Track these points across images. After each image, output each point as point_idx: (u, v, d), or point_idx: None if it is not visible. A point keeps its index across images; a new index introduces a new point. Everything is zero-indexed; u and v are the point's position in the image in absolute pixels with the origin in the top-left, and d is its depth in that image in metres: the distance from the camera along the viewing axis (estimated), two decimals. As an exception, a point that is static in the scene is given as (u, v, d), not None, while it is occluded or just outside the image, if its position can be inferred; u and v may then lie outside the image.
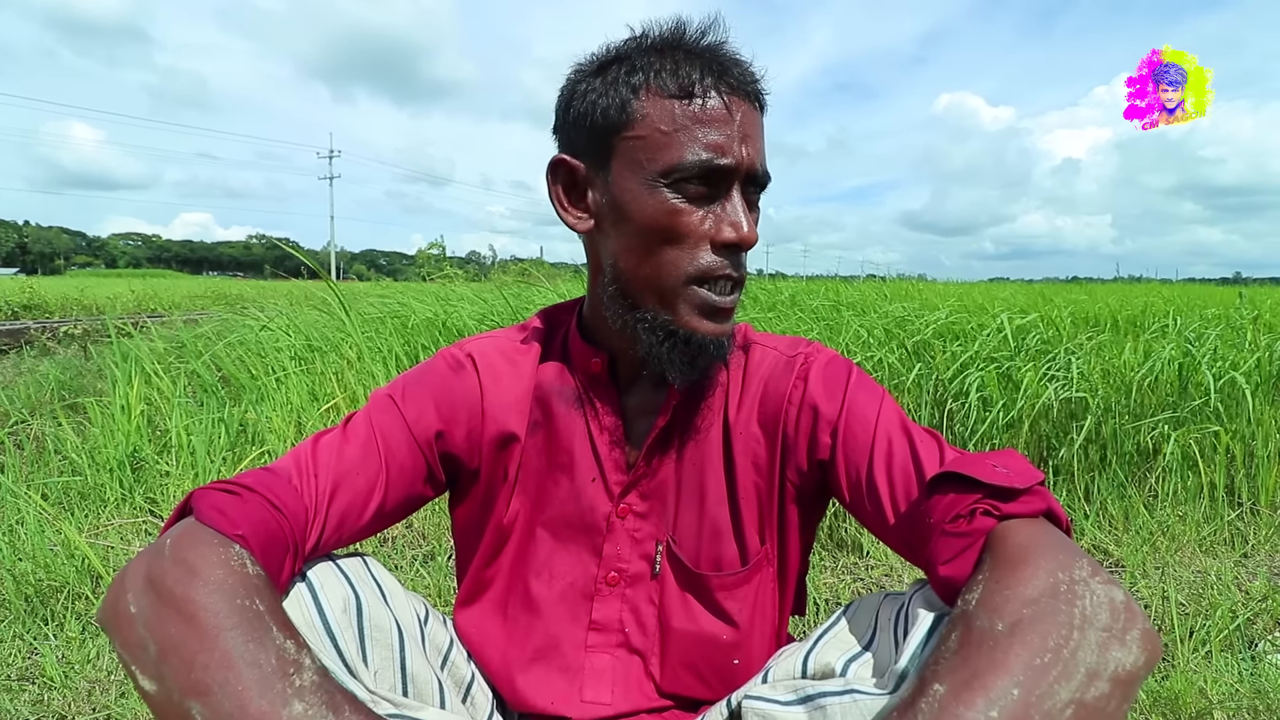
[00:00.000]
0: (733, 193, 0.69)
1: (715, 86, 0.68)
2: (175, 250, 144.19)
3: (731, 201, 0.69)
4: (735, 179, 0.68)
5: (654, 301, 0.71)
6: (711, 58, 0.69)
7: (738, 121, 0.68)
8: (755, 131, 0.70)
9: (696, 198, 0.68)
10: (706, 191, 0.68)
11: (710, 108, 0.67)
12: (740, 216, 0.68)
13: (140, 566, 0.53)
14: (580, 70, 0.73)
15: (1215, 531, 2.30)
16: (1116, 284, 7.45)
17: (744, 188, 0.70)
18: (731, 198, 0.69)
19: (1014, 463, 0.60)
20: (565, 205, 0.75)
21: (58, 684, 1.48)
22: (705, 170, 0.67)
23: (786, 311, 3.96)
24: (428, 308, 4.01)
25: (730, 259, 0.70)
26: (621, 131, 0.69)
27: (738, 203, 0.69)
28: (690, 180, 0.67)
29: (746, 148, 0.68)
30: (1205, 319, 3.87)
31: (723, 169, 0.67)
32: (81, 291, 14.64)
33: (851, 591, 2.00)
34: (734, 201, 0.69)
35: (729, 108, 0.67)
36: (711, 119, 0.67)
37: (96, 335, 5.68)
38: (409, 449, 0.74)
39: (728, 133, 0.67)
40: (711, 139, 0.67)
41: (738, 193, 0.69)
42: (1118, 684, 0.46)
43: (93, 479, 2.41)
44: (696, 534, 0.78)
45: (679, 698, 0.79)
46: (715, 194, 0.69)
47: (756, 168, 0.69)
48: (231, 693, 0.46)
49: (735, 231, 0.68)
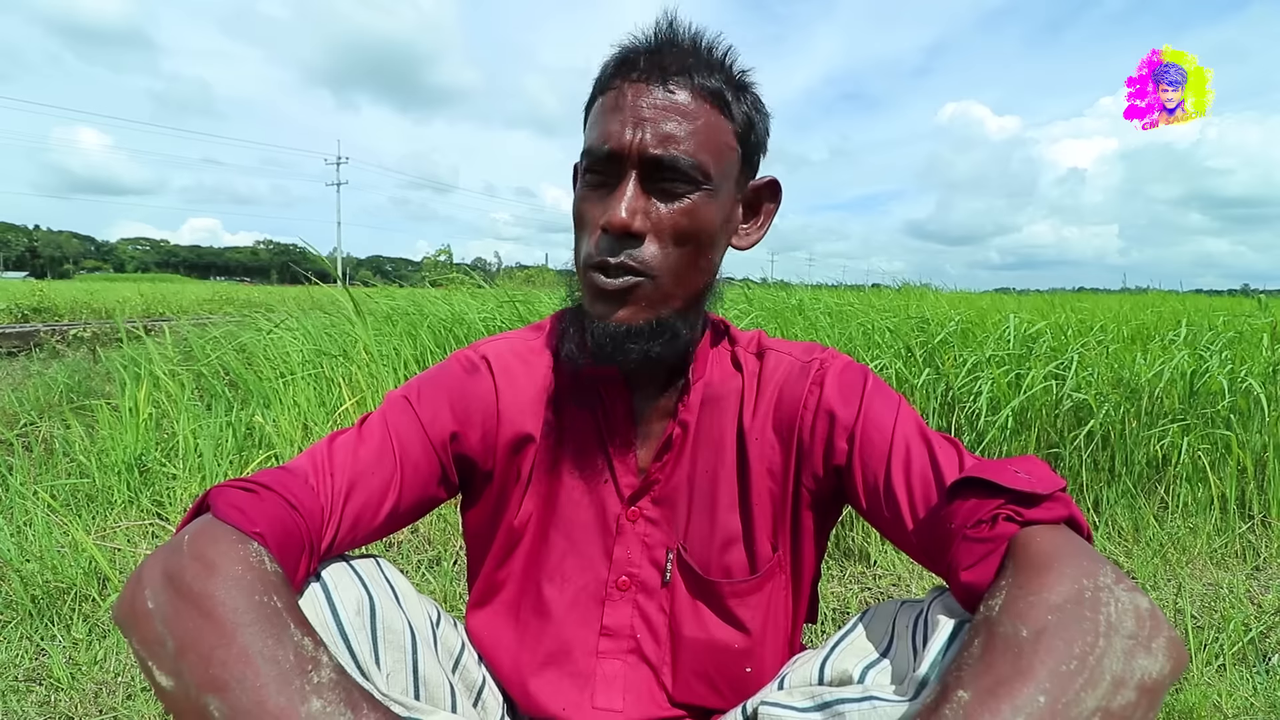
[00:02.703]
0: (624, 181, 0.67)
1: (623, 77, 0.69)
2: (183, 255, 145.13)
3: (621, 186, 0.67)
4: (627, 165, 0.67)
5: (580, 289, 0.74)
6: (638, 52, 0.70)
7: (631, 106, 0.67)
8: (660, 115, 0.67)
9: (598, 186, 0.70)
10: (604, 180, 0.69)
11: (609, 98, 0.69)
12: (617, 200, 0.67)
13: (158, 562, 0.53)
14: None
15: (1226, 544, 2.28)
16: (1123, 294, 7.42)
17: (649, 174, 0.68)
18: (624, 184, 0.67)
19: (1035, 469, 0.60)
20: None
21: (65, 685, 1.47)
22: (597, 158, 0.68)
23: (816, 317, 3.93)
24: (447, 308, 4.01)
25: (605, 243, 0.68)
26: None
27: (625, 189, 0.67)
28: (590, 169, 0.70)
29: (640, 131, 0.66)
30: (1217, 327, 3.85)
31: (612, 156, 0.67)
32: (91, 295, 14.73)
33: (860, 600, 1.99)
34: (622, 188, 0.67)
35: (626, 95, 0.68)
36: (609, 108, 0.68)
37: (105, 338, 5.71)
38: (424, 450, 0.74)
39: (619, 119, 0.67)
40: (602, 127, 0.68)
41: (631, 181, 0.67)
42: (1144, 692, 0.45)
43: (100, 481, 2.42)
44: (708, 541, 0.77)
45: (691, 707, 0.78)
46: (612, 182, 0.69)
47: (648, 150, 0.66)
48: (250, 689, 0.46)
49: (607, 213, 0.67)
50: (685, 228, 0.68)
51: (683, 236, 0.69)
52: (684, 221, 0.68)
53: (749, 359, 0.81)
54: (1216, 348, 3.18)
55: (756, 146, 0.75)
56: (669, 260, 0.69)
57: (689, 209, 0.68)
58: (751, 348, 0.82)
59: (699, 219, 0.69)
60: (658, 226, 0.68)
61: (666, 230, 0.68)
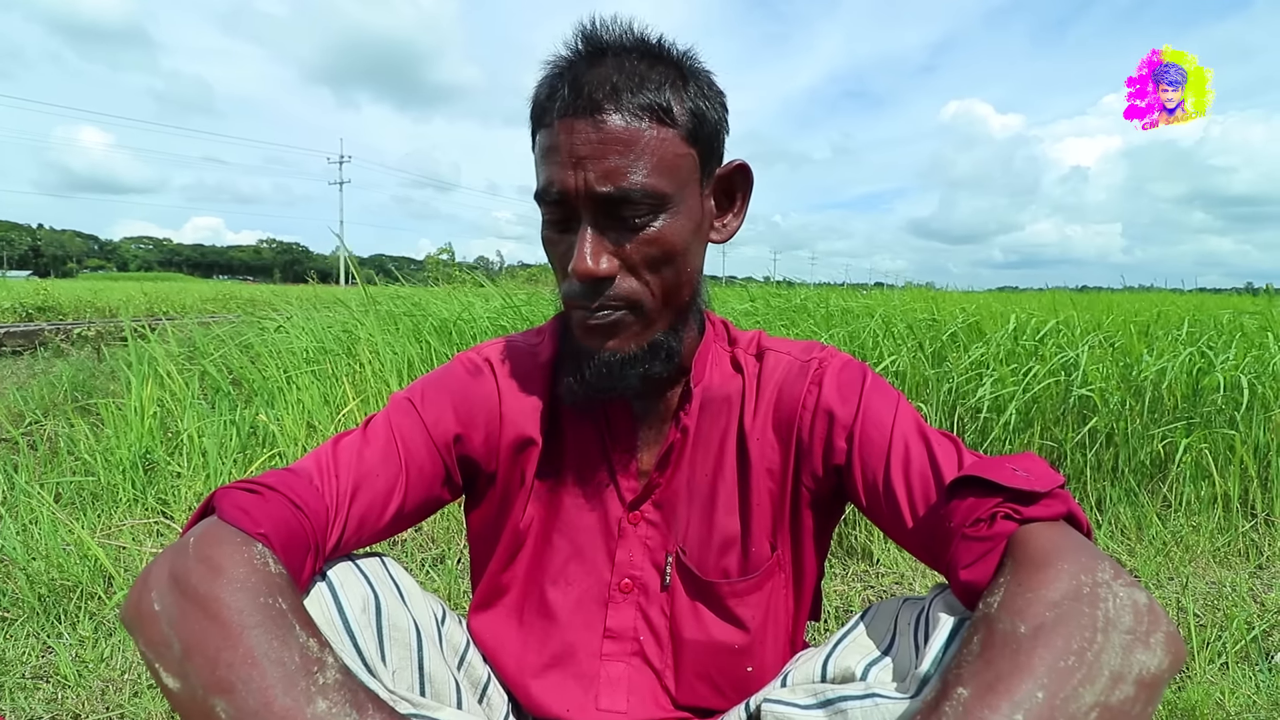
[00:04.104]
0: (582, 223, 0.66)
1: (558, 112, 0.65)
2: (186, 254, 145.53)
3: (580, 231, 0.66)
4: (579, 206, 0.65)
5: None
6: (568, 77, 0.65)
7: (569, 148, 0.64)
8: (598, 151, 0.63)
9: (558, 224, 0.69)
10: (562, 220, 0.68)
11: (549, 137, 0.66)
12: (579, 248, 0.65)
13: (164, 565, 0.54)
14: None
15: (1230, 543, 2.28)
16: (1127, 293, 7.39)
17: (606, 210, 0.65)
18: (581, 228, 0.66)
19: (1034, 466, 0.60)
20: None
21: (72, 683, 1.49)
22: (548, 203, 0.67)
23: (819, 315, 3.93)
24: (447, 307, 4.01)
25: (580, 289, 0.67)
26: None
27: (584, 235, 0.65)
28: (546, 212, 0.69)
29: (582, 173, 0.63)
30: (1220, 324, 3.84)
31: (561, 200, 0.66)
32: (94, 294, 14.77)
33: (862, 599, 1.99)
34: (581, 231, 0.66)
35: (563, 134, 0.64)
36: (550, 147, 0.66)
37: (109, 337, 5.72)
38: (428, 452, 0.74)
39: (558, 160, 0.65)
40: (546, 171, 0.66)
41: (586, 222, 0.65)
42: (1142, 687, 0.46)
43: (105, 479, 2.43)
44: (706, 542, 0.77)
45: (695, 709, 0.79)
46: (570, 223, 0.67)
47: (599, 190, 0.63)
48: (256, 690, 0.46)
49: (574, 263, 0.65)
50: (655, 255, 0.67)
51: (655, 262, 0.67)
52: (652, 250, 0.67)
53: (749, 360, 0.81)
54: (1220, 345, 3.18)
55: (712, 136, 0.70)
56: (648, 288, 0.68)
57: (654, 236, 0.66)
58: (751, 348, 0.82)
59: (667, 241, 0.67)
60: (628, 261, 0.66)
61: (637, 262, 0.67)
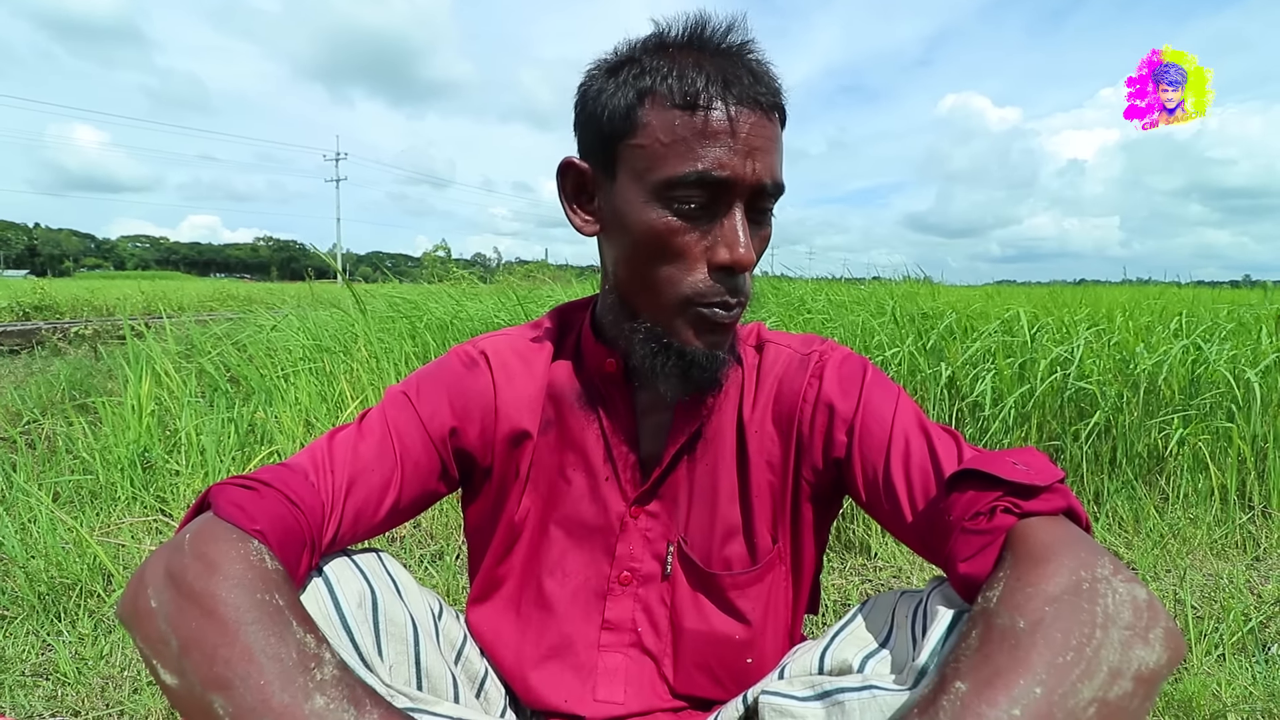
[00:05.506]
0: (733, 210, 0.65)
1: (721, 97, 0.64)
2: (183, 252, 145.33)
3: (731, 219, 0.65)
4: (736, 195, 0.65)
5: (650, 314, 0.70)
6: (723, 64, 0.65)
7: (743, 135, 0.63)
8: (766, 144, 0.65)
9: (695, 215, 0.65)
10: (705, 208, 0.65)
11: (713, 120, 0.63)
12: (738, 235, 0.64)
13: (160, 561, 0.53)
14: (597, 68, 0.71)
15: (1227, 535, 2.28)
16: (1125, 286, 7.39)
17: (750, 203, 0.66)
18: (732, 215, 0.65)
19: (1034, 460, 0.60)
20: (573, 208, 0.73)
21: (71, 680, 1.49)
22: (702, 186, 0.64)
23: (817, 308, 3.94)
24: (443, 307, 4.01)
25: (727, 282, 0.66)
26: (626, 138, 0.66)
27: (738, 221, 0.65)
28: (688, 196, 0.64)
29: (752, 162, 0.64)
30: (1219, 318, 3.84)
31: (722, 185, 0.64)
32: (91, 293, 14.73)
33: (860, 592, 1.99)
34: (734, 219, 0.65)
35: (733, 120, 0.63)
36: (713, 133, 0.63)
37: (107, 336, 5.71)
38: (423, 446, 0.74)
39: (730, 146, 0.63)
40: (712, 154, 0.63)
41: (739, 210, 0.65)
42: (1141, 682, 0.45)
43: (104, 478, 2.43)
44: (708, 533, 0.77)
45: (693, 698, 0.79)
46: (714, 211, 0.65)
47: (765, 183, 0.65)
48: (253, 686, 0.46)
49: (731, 253, 0.65)
50: (761, 251, 0.69)
51: (758, 259, 0.68)
52: (763, 247, 0.69)
53: (748, 352, 0.81)
54: (1217, 338, 3.18)
55: None
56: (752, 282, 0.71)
57: (768, 234, 0.70)
58: (751, 340, 0.82)
59: (768, 239, 0.71)
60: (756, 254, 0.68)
61: (758, 256, 0.68)
